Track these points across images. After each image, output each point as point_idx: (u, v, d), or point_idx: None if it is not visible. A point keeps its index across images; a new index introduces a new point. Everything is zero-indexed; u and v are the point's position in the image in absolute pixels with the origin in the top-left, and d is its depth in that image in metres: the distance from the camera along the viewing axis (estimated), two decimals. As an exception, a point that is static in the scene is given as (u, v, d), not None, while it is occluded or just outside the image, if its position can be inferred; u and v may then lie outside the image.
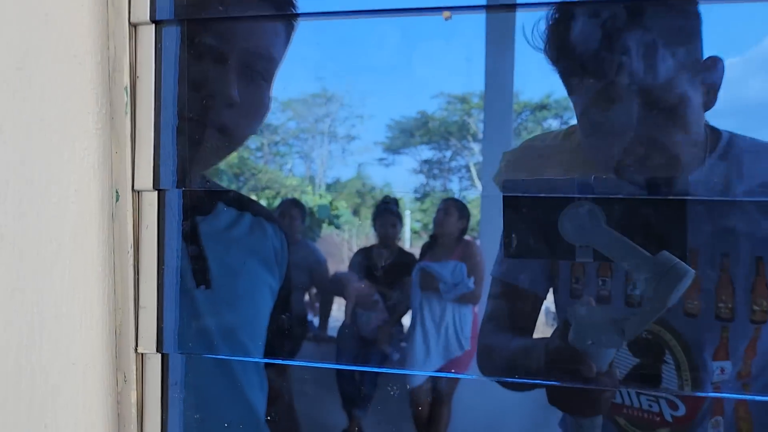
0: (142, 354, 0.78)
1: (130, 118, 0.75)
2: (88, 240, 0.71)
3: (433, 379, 2.28)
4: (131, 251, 0.77)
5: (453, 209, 2.26)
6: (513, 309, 0.84)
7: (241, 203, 0.92)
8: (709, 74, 0.67)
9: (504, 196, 0.60)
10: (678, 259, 0.58)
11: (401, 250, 2.58)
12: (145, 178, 0.77)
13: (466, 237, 2.28)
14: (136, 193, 0.78)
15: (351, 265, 2.56)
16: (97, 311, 0.72)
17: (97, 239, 0.72)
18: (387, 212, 2.55)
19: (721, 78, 0.68)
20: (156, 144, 0.75)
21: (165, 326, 0.80)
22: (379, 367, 2.30)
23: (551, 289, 0.86)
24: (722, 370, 0.73)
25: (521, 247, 0.60)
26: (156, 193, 0.78)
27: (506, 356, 0.82)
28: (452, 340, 2.34)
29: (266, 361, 2.35)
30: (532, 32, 0.71)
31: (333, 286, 2.49)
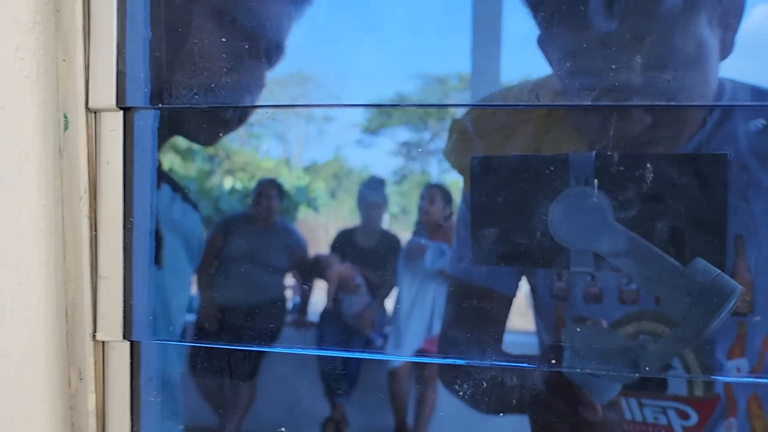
0: (102, 342, 0.61)
1: (83, 7, 0.55)
2: (22, 183, 0.52)
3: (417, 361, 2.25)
4: (85, 198, 0.59)
5: (437, 196, 2.21)
6: (476, 314, 0.73)
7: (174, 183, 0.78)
8: (728, 11, 0.57)
9: (472, 182, 0.45)
10: (719, 270, 0.40)
11: (385, 233, 2.53)
12: (104, 92, 0.59)
13: (450, 222, 2.24)
14: (92, 114, 0.59)
15: (332, 248, 2.50)
16: (38, 284, 0.55)
17: (36, 182, 0.54)
18: (372, 193, 2.48)
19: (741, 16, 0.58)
20: (120, 43, 0.57)
21: (135, 304, 0.63)
22: (363, 352, 2.25)
23: (528, 288, 0.75)
24: (738, 369, 0.67)
25: (495, 252, 0.46)
26: (120, 113, 0.60)
27: (475, 378, 0.71)
28: (436, 318, 2.29)
29: (264, 349, 2.28)
30: None
31: (313, 269, 2.42)
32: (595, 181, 0.42)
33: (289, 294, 2.50)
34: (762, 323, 0.65)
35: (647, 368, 0.49)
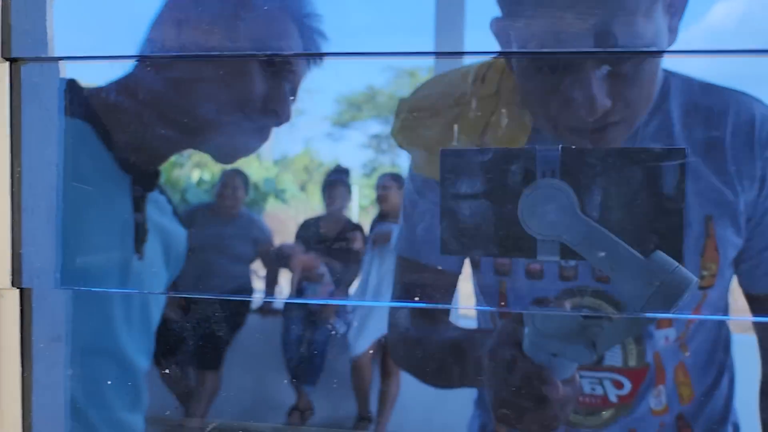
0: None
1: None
2: None
3: (381, 348, 2.26)
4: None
5: (391, 183, 2.23)
6: (423, 291, 0.70)
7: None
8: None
9: (441, 174, 0.47)
10: (677, 263, 0.45)
11: (350, 222, 2.54)
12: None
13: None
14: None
15: (297, 237, 2.51)
16: None
17: None
18: (337, 182, 2.50)
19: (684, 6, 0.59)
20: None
21: (25, 235, 0.48)
22: (327, 340, 2.27)
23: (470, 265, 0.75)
24: (666, 339, 0.70)
25: (464, 242, 0.46)
26: (7, 64, 0.53)
27: (427, 352, 0.69)
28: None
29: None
30: None
31: (278, 259, 2.42)
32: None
33: (253, 283, 2.51)
34: (692, 296, 0.68)
35: (602, 348, 0.51)
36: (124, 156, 0.64)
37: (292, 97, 0.64)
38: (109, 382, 0.67)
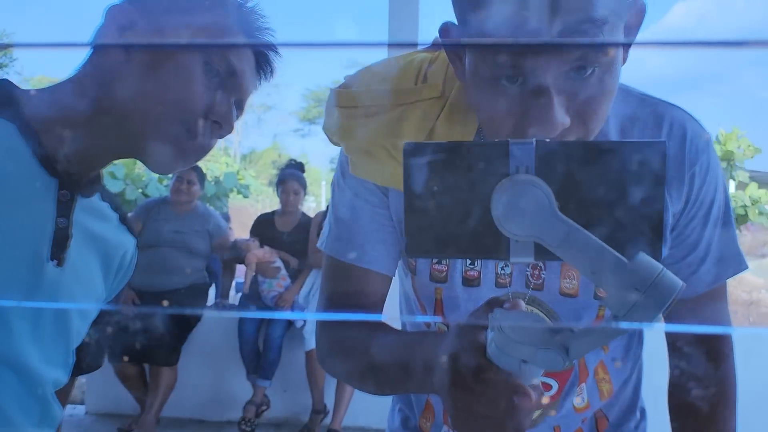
0: None
1: None
2: None
3: None
4: None
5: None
6: (354, 293, 0.67)
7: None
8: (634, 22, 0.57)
9: (405, 169, 0.43)
10: (662, 266, 0.41)
11: (305, 216, 2.51)
12: None
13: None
14: None
15: (252, 232, 2.48)
16: None
17: None
18: (291, 177, 2.48)
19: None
20: None
21: None
22: (283, 334, 2.25)
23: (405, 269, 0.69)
24: None
25: (430, 242, 0.42)
26: None
27: (364, 360, 0.63)
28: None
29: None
30: None
31: (233, 254, 2.41)
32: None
33: (208, 277, 2.48)
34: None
35: (575, 354, 0.48)
36: (50, 159, 0.61)
37: (238, 111, 0.62)
38: (8, 396, 0.62)
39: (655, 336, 0.72)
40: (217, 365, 2.42)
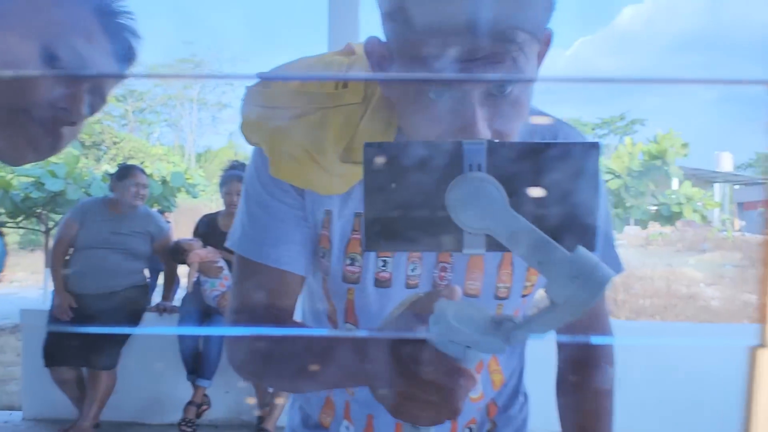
0: None
1: None
2: None
3: None
4: None
5: None
6: (269, 294, 0.68)
7: None
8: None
9: (365, 168, 0.44)
10: (597, 259, 0.44)
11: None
12: None
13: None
14: None
15: (194, 233, 2.46)
16: None
17: None
18: (233, 178, 2.46)
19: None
20: None
21: None
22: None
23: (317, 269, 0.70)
24: None
25: (389, 237, 0.45)
26: None
27: (286, 360, 0.64)
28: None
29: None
30: None
31: (174, 254, 2.38)
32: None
33: (149, 279, 2.46)
34: (514, 304, 0.72)
35: (515, 341, 0.51)
36: None
37: (96, 98, 0.61)
38: None
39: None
40: (156, 367, 2.40)
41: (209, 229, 2.47)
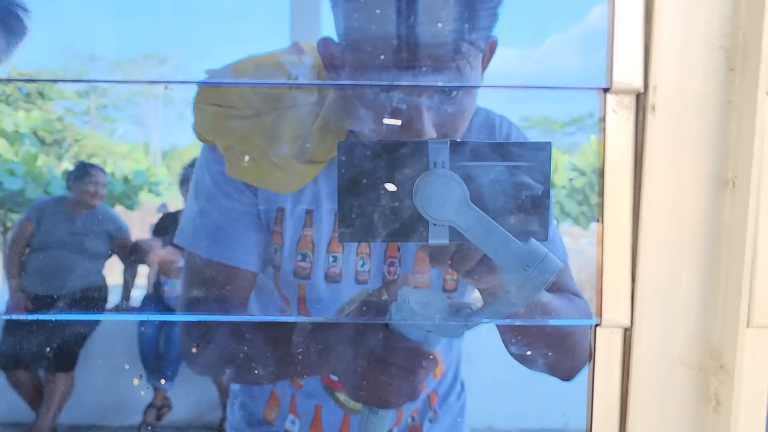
0: None
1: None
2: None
3: None
4: None
5: None
6: (222, 290, 0.68)
7: None
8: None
9: (339, 165, 0.47)
10: (547, 250, 0.50)
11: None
12: None
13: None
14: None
15: (154, 232, 2.44)
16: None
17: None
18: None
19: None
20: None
21: None
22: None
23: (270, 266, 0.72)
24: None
25: (361, 228, 0.48)
26: None
27: (254, 353, 0.66)
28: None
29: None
30: None
31: (134, 254, 2.35)
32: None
33: (109, 279, 2.42)
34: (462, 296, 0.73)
35: (472, 326, 0.55)
36: None
37: None
38: None
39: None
40: (116, 369, 2.37)
41: (170, 229, 2.45)
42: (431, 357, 0.56)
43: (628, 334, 0.43)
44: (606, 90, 0.42)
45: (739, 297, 0.40)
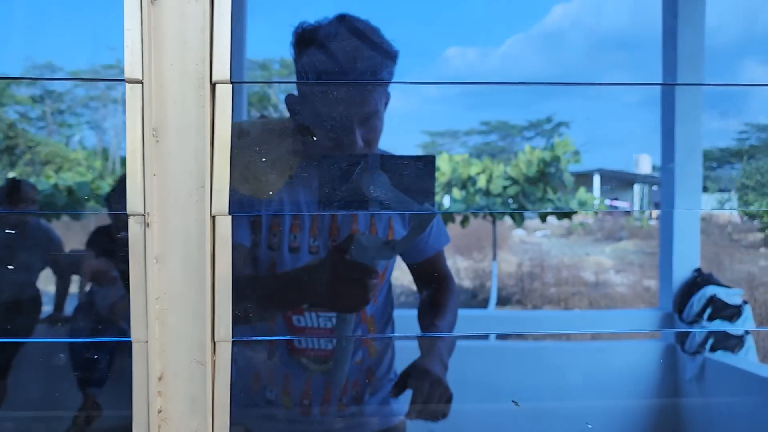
0: None
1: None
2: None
3: None
4: None
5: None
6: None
7: None
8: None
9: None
10: (436, 212, 0.93)
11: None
12: None
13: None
14: None
15: (88, 243, 2.51)
16: None
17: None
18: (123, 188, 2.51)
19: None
20: None
21: None
22: (115, 344, 2.30)
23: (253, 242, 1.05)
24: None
25: (333, 198, 0.80)
26: None
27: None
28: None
29: None
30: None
31: (68, 265, 2.42)
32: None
33: (41, 291, 2.49)
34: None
35: (399, 248, 1.03)
36: None
37: None
38: None
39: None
40: (47, 376, 2.43)
41: (104, 240, 2.52)
42: (376, 273, 0.93)
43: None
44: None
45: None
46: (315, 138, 0.96)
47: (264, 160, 0.94)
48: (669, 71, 2.72)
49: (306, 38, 0.92)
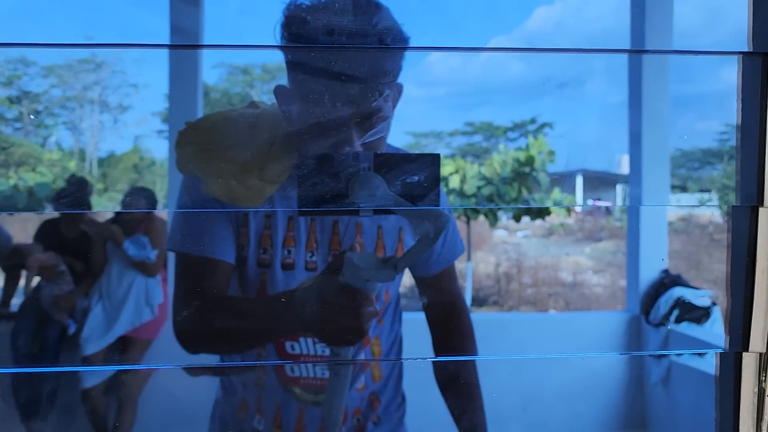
0: None
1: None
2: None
3: (114, 378, 2.22)
4: None
5: (139, 197, 2.32)
6: (207, 281, 0.87)
7: None
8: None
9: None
10: (441, 210, 0.73)
11: (92, 221, 2.49)
12: None
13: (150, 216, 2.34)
14: None
15: (35, 237, 2.43)
16: None
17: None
18: (76, 182, 2.45)
19: None
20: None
21: None
22: (59, 375, 2.22)
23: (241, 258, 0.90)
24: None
25: (318, 204, 0.70)
26: None
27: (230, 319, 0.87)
28: (141, 307, 2.36)
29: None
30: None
31: (13, 260, 2.35)
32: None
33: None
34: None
35: (400, 269, 0.79)
36: None
37: None
38: None
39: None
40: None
41: (51, 234, 2.45)
42: (370, 300, 0.76)
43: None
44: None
45: None
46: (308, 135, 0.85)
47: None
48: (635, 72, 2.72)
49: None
